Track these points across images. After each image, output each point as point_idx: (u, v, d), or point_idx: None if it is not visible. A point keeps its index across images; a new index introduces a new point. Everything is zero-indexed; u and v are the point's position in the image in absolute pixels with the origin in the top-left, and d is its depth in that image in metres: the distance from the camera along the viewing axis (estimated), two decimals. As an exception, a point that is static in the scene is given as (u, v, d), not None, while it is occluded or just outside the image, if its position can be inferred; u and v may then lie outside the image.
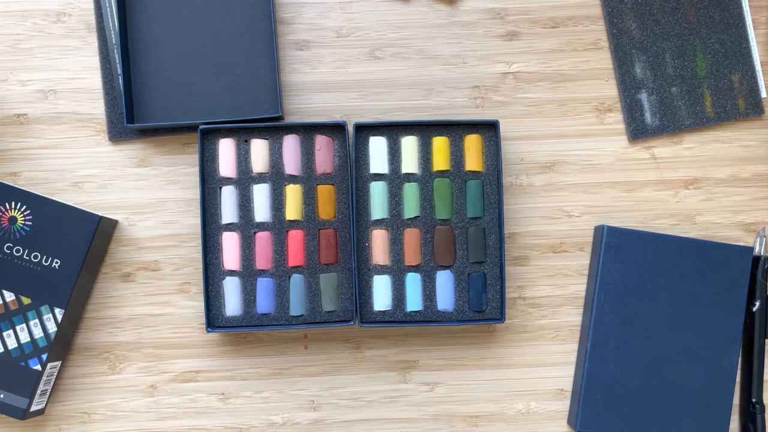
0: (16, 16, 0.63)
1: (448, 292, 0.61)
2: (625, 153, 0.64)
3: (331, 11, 0.64)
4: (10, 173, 0.63)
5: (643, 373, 0.60)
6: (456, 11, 0.64)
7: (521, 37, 0.64)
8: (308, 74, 0.64)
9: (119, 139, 0.63)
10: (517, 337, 0.64)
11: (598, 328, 0.60)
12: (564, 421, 0.63)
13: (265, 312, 0.61)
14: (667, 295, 0.60)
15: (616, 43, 0.64)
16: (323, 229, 0.61)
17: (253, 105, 0.63)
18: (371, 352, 0.63)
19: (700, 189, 0.64)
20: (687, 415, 0.60)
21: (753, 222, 0.64)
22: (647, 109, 0.64)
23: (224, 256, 0.61)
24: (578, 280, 0.64)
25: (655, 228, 0.64)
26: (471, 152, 0.61)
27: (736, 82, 0.64)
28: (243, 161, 0.61)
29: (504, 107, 0.64)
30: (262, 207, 0.61)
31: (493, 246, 0.61)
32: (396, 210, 0.61)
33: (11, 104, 0.63)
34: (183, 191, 0.63)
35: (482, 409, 0.63)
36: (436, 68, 0.64)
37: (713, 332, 0.60)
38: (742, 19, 0.64)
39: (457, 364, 0.63)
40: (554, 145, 0.64)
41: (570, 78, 0.64)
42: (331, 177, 0.61)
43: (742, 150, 0.65)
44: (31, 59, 0.63)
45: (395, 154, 0.62)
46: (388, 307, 0.61)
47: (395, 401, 0.63)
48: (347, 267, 0.61)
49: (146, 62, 0.63)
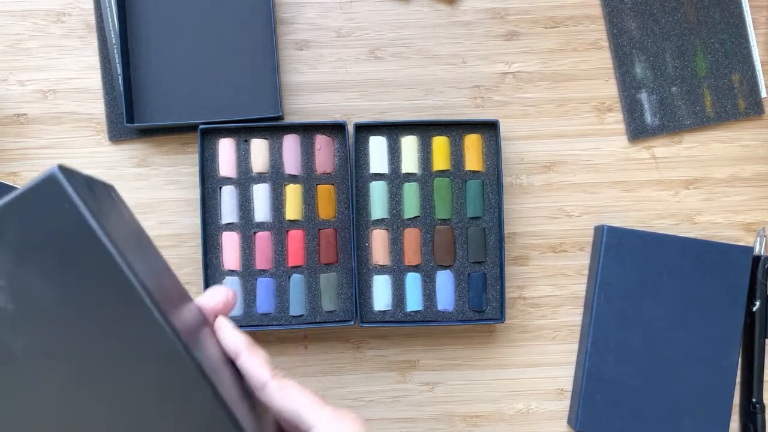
0: (16, 16, 0.63)
1: (448, 292, 0.61)
2: (625, 153, 0.64)
3: (331, 11, 0.64)
4: (10, 173, 0.63)
5: (643, 373, 0.60)
6: (456, 11, 0.64)
7: (521, 37, 0.64)
8: (308, 74, 0.64)
9: (119, 139, 0.63)
10: (517, 337, 0.64)
11: (598, 328, 0.60)
12: (564, 421, 0.63)
13: (265, 312, 0.61)
14: (667, 295, 0.60)
15: (616, 43, 0.64)
16: (323, 229, 0.61)
17: (253, 105, 0.63)
18: (371, 352, 0.63)
19: (700, 189, 0.64)
20: (687, 415, 0.60)
21: (753, 222, 0.64)
22: (647, 108, 0.64)
23: (224, 256, 0.61)
24: (578, 280, 0.64)
25: (655, 228, 0.64)
26: (471, 152, 0.61)
27: (736, 82, 0.64)
28: (243, 161, 0.61)
29: (504, 107, 0.64)
30: (262, 207, 0.61)
31: (493, 246, 0.61)
32: (396, 210, 0.61)
33: (11, 104, 0.63)
34: (183, 191, 0.63)
35: (482, 409, 0.63)
36: (435, 68, 0.64)
37: (713, 332, 0.60)
38: (742, 19, 0.64)
39: (457, 364, 0.63)
40: (554, 145, 0.64)
41: (570, 78, 0.64)
42: (331, 177, 0.61)
43: (742, 150, 0.65)
44: (31, 59, 0.63)
45: (395, 154, 0.62)
46: (388, 307, 0.61)
47: (395, 401, 0.63)
48: (347, 267, 0.61)
49: (146, 62, 0.63)
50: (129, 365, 0.26)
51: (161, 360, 0.26)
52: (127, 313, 0.26)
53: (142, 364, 0.26)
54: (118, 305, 0.26)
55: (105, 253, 0.25)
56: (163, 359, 0.26)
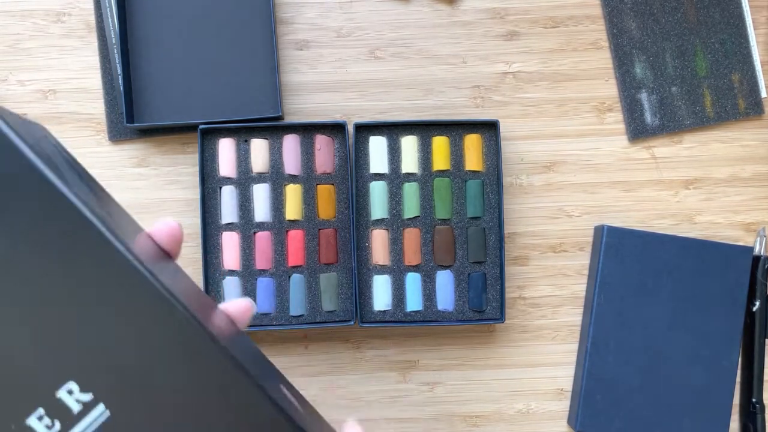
0: (16, 16, 0.63)
1: (448, 292, 0.61)
2: (625, 153, 0.64)
3: (331, 11, 0.64)
4: (10, 173, 0.62)
5: (643, 373, 0.60)
6: (456, 11, 0.64)
7: (521, 37, 0.64)
8: (308, 74, 0.64)
9: (119, 139, 0.63)
10: (517, 337, 0.64)
11: (598, 328, 0.60)
12: (564, 421, 0.63)
13: (265, 312, 0.61)
14: (667, 295, 0.60)
15: (616, 42, 0.64)
16: (323, 228, 0.61)
17: (253, 105, 0.63)
18: (371, 352, 0.63)
19: (700, 189, 0.64)
20: (687, 415, 0.60)
21: (753, 222, 0.64)
22: (647, 108, 0.64)
23: (224, 256, 0.61)
24: (578, 280, 0.64)
25: (655, 228, 0.64)
26: (471, 152, 0.61)
27: (736, 82, 0.64)
28: (243, 161, 0.61)
29: (504, 107, 0.64)
30: (262, 207, 0.61)
31: (493, 246, 0.61)
32: (396, 210, 0.61)
33: (11, 104, 0.63)
34: (183, 191, 0.63)
35: (482, 409, 0.63)
36: (435, 68, 0.64)
37: (713, 332, 0.60)
38: (742, 19, 0.64)
39: (457, 364, 0.63)
40: (554, 145, 0.64)
41: (570, 78, 0.64)
42: (331, 177, 0.61)
43: (742, 150, 0.65)
44: (31, 59, 0.63)
45: (395, 154, 0.62)
46: (388, 307, 0.61)
47: (395, 401, 0.63)
48: (347, 267, 0.61)
49: (146, 62, 0.63)
50: (90, 295, 0.25)
51: (124, 284, 0.25)
52: (81, 243, 0.25)
53: (102, 289, 0.25)
54: (69, 236, 0.25)
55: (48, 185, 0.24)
56: (124, 283, 0.25)
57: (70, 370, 0.25)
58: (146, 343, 0.26)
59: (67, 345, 0.25)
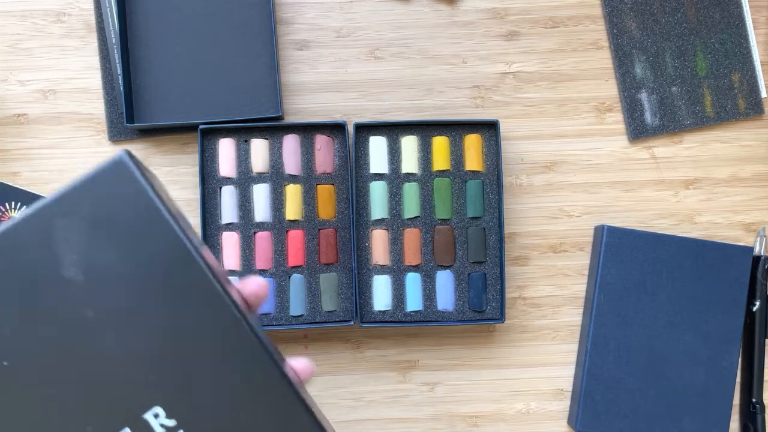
0: (16, 16, 0.63)
1: (448, 292, 0.61)
2: (625, 153, 0.64)
3: (331, 11, 0.64)
4: (10, 173, 0.63)
5: (643, 373, 0.60)
6: (456, 11, 0.64)
7: (521, 37, 0.64)
8: (308, 74, 0.64)
9: (119, 139, 0.63)
10: (517, 337, 0.64)
11: (598, 328, 0.60)
12: (564, 421, 0.63)
13: (265, 312, 0.61)
14: (667, 295, 0.60)
15: (616, 42, 0.64)
16: (323, 229, 0.61)
17: (253, 105, 0.63)
18: (371, 352, 0.63)
19: (700, 189, 0.64)
20: (687, 415, 0.60)
21: (753, 222, 0.64)
22: (647, 108, 0.64)
23: (224, 256, 0.61)
24: (578, 280, 0.64)
25: (655, 228, 0.64)
26: (471, 152, 0.61)
27: (736, 82, 0.64)
28: (243, 161, 0.61)
29: (504, 107, 0.64)
30: (262, 207, 0.61)
31: (493, 246, 0.61)
32: (396, 210, 0.61)
33: (11, 104, 0.63)
34: (183, 191, 0.63)
35: (482, 409, 0.63)
36: (435, 68, 0.64)
37: (713, 332, 0.60)
38: (742, 19, 0.64)
39: (457, 364, 0.63)
40: (554, 145, 0.64)
41: (570, 78, 0.64)
42: (331, 177, 0.61)
43: (742, 150, 0.65)
44: (31, 59, 0.63)
45: (395, 154, 0.62)
46: (388, 307, 0.61)
47: (395, 401, 0.63)
48: (347, 267, 0.61)
49: (146, 62, 0.63)
50: (194, 337, 0.29)
51: (219, 324, 0.29)
52: (186, 278, 0.29)
53: (206, 335, 0.29)
54: (177, 271, 0.29)
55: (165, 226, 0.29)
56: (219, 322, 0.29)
57: (159, 395, 0.28)
58: (235, 388, 0.29)
59: (161, 373, 0.29)
